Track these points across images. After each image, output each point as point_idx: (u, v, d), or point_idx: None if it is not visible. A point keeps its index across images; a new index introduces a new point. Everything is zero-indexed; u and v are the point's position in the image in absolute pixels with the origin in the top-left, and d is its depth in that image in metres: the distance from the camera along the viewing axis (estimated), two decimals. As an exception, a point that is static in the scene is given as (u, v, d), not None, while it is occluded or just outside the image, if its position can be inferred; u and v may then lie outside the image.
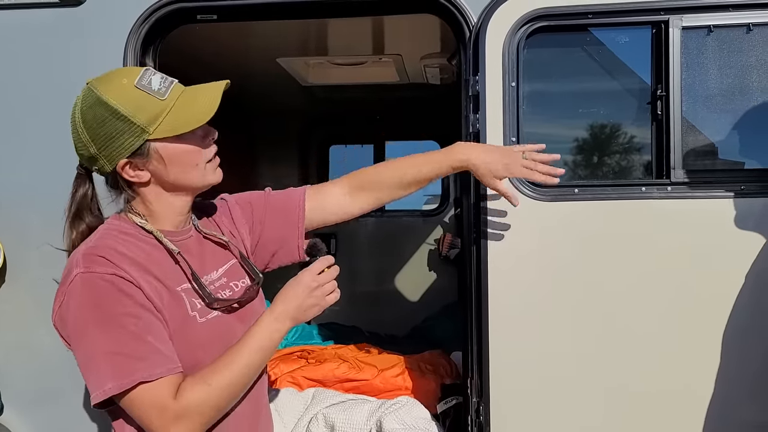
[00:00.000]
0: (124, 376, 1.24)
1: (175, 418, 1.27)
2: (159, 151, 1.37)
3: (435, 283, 4.93)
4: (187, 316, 1.39)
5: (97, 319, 1.26)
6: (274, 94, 4.29)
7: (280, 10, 2.31)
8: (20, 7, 2.23)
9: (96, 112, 1.34)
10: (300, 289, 1.44)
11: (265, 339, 1.40)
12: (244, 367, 1.36)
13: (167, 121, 1.35)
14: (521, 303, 2.08)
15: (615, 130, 2.20)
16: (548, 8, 2.06)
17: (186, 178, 1.43)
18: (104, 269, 1.28)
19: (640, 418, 2.05)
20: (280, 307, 1.42)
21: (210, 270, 1.52)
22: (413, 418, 2.45)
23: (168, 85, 1.39)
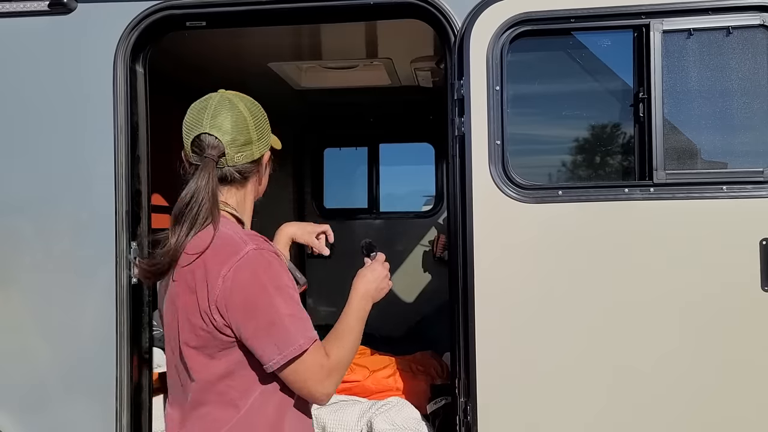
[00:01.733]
0: (306, 334, 1.41)
1: (329, 374, 1.45)
2: (265, 156, 1.66)
3: (429, 285, 4.95)
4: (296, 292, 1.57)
5: (275, 288, 1.42)
6: (266, 98, 4.28)
7: (268, 16, 2.34)
8: (11, 16, 2.25)
9: (256, 109, 1.62)
10: (377, 273, 1.70)
11: (362, 311, 1.63)
12: (358, 333, 1.59)
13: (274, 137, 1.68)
14: (507, 304, 2.11)
15: (598, 132, 2.22)
16: (531, 13, 2.09)
17: (263, 184, 1.72)
18: (270, 246, 1.50)
19: (628, 418, 2.08)
20: (363, 288, 1.66)
21: None
22: (403, 419, 2.48)
23: None
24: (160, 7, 2.27)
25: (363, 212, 5.15)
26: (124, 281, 2.27)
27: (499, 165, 2.10)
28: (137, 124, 2.34)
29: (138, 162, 2.35)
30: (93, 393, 2.27)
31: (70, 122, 2.31)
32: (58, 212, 2.29)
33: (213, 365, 1.45)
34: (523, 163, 2.17)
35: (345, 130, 5.13)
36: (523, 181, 2.11)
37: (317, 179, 5.14)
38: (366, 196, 5.16)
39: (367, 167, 5.14)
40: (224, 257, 1.43)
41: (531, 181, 2.12)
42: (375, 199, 5.15)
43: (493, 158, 2.10)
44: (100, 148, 2.28)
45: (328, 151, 5.19)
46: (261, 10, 2.31)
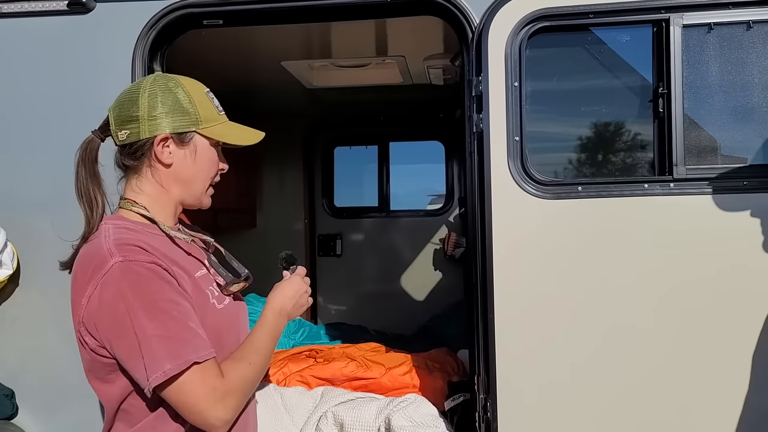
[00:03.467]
0: (179, 357, 1.28)
1: (223, 397, 1.32)
2: (198, 145, 1.49)
3: (441, 282, 4.96)
4: (208, 303, 1.45)
5: (143, 305, 1.28)
6: (278, 96, 4.32)
7: (285, 15, 2.34)
8: (31, 15, 2.26)
9: (168, 88, 1.45)
10: (295, 289, 1.58)
11: (274, 330, 1.51)
12: (267, 352, 1.47)
13: (217, 129, 1.52)
14: (527, 300, 2.11)
15: (617, 128, 2.22)
16: (550, 8, 2.08)
17: (197, 181, 1.52)
18: (143, 257, 1.32)
19: (647, 416, 2.07)
20: (279, 304, 1.53)
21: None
22: (421, 416, 2.48)
23: (221, 111, 1.59)
24: (178, 6, 2.27)
25: (373, 210, 5.16)
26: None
27: (518, 161, 2.10)
28: (155, 122, 2.34)
29: (156, 160, 2.35)
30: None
31: (89, 121, 2.30)
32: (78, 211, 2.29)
33: (107, 389, 1.38)
34: (542, 159, 2.17)
35: (355, 128, 5.13)
36: (542, 177, 2.11)
37: (327, 178, 5.15)
38: (376, 195, 5.17)
39: (378, 165, 5.14)
40: (90, 273, 1.31)
41: (550, 177, 2.12)
42: (385, 197, 5.15)
43: (511, 154, 2.10)
44: (118, 147, 2.28)
45: (338, 149, 5.19)
46: (277, 8, 2.31)
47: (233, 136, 1.54)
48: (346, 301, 5.11)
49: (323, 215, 5.12)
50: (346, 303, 5.11)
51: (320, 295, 5.11)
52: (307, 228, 5.05)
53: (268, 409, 2.62)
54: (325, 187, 5.13)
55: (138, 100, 1.43)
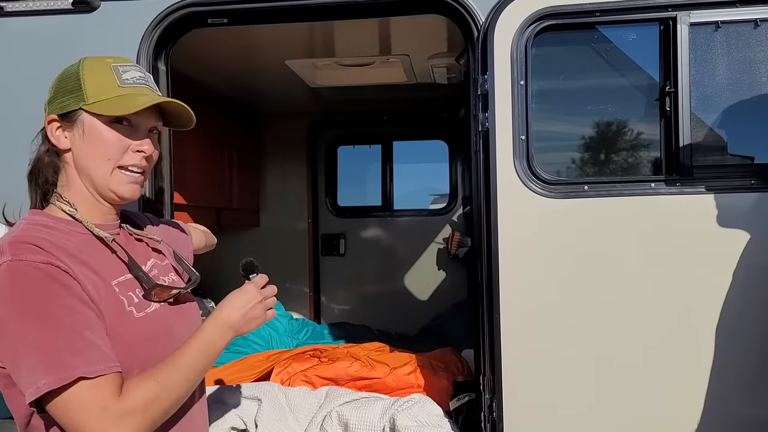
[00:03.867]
0: (61, 371, 1.13)
1: (117, 419, 1.15)
2: (85, 123, 1.32)
3: (444, 282, 4.95)
4: (123, 311, 1.29)
5: (28, 311, 1.15)
6: (282, 95, 4.32)
7: (289, 13, 2.34)
8: (35, 14, 2.26)
9: (70, 71, 1.37)
10: (246, 299, 1.39)
11: (210, 344, 1.33)
12: (190, 371, 1.28)
13: (107, 103, 1.31)
14: (532, 299, 2.10)
15: (624, 126, 2.21)
16: (556, 7, 2.07)
17: (94, 167, 1.34)
18: (36, 257, 1.18)
19: (653, 412, 2.06)
20: (224, 314, 1.36)
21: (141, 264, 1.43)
22: (426, 415, 2.48)
23: (138, 83, 1.36)
24: (182, 4, 2.27)
25: (377, 210, 5.15)
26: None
27: (524, 160, 2.10)
28: (159, 121, 2.34)
29: (160, 160, 2.34)
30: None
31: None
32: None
33: (13, 402, 1.25)
34: (548, 158, 2.16)
35: (358, 127, 5.12)
36: (548, 176, 2.10)
37: (331, 177, 5.15)
38: (380, 194, 5.16)
39: (381, 165, 5.13)
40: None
41: (556, 176, 2.12)
42: (389, 196, 5.15)
43: (517, 153, 2.09)
44: (123, 145, 2.28)
45: (342, 148, 5.19)
46: (281, 6, 2.31)
47: (120, 107, 1.31)
48: (349, 301, 5.10)
49: (326, 215, 5.12)
50: (349, 302, 5.10)
51: (323, 294, 5.10)
52: (310, 227, 5.04)
53: (273, 408, 2.62)
54: (328, 186, 5.13)
55: (53, 84, 1.38)
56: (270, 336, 3.84)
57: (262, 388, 2.73)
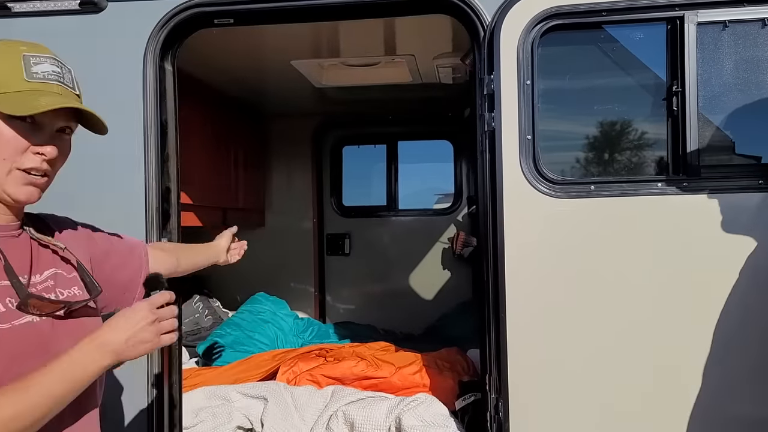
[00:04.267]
0: None
1: None
2: None
3: (449, 282, 4.95)
4: None
5: None
6: (287, 95, 4.33)
7: (295, 14, 2.34)
8: (43, 15, 2.27)
9: None
10: (135, 320, 1.23)
11: (77, 367, 1.16)
12: (43, 397, 1.11)
13: (6, 98, 1.19)
14: (539, 299, 2.10)
15: (630, 126, 2.21)
16: (562, 6, 2.07)
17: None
18: None
19: (658, 414, 2.06)
20: (105, 336, 1.20)
21: (34, 272, 1.30)
22: (432, 415, 2.48)
23: (49, 78, 1.26)
24: (189, 5, 2.27)
25: (382, 210, 5.16)
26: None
27: (530, 160, 2.09)
28: (166, 121, 2.35)
29: (167, 159, 2.36)
30: (126, 388, 2.29)
31: (101, 120, 2.32)
32: (90, 208, 2.29)
33: None
34: (554, 158, 2.16)
35: (364, 127, 5.13)
36: (554, 176, 2.10)
37: (336, 177, 5.15)
38: (385, 194, 5.17)
39: (386, 165, 5.14)
40: None
41: (562, 176, 2.12)
42: (394, 196, 5.15)
43: (524, 153, 2.09)
44: (130, 146, 2.29)
45: (347, 148, 5.20)
46: (287, 7, 2.31)
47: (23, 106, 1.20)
48: (354, 300, 5.11)
49: (332, 214, 5.12)
50: (354, 302, 5.11)
51: (328, 294, 5.11)
52: (315, 227, 5.05)
53: (279, 408, 2.62)
54: (333, 186, 5.13)
55: None
56: (275, 335, 3.85)
57: (269, 388, 2.74)
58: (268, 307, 4.13)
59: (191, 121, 3.18)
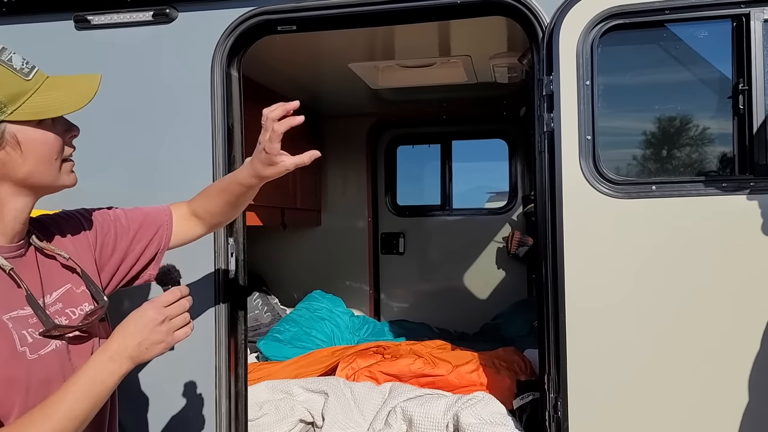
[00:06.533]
0: None
1: None
2: (17, 136, 1.16)
3: (504, 281, 4.94)
4: (14, 352, 1.14)
5: None
6: (343, 97, 4.41)
7: (355, 19, 2.40)
8: (120, 26, 2.40)
9: None
10: (143, 322, 1.20)
11: (95, 383, 1.15)
12: (68, 419, 1.10)
13: (31, 104, 1.16)
14: (599, 300, 2.09)
15: (693, 125, 2.18)
16: (623, 6, 2.06)
17: (41, 173, 1.21)
18: None
19: (724, 415, 2.03)
20: (117, 343, 1.18)
21: (45, 292, 1.28)
22: (490, 413, 2.50)
23: (31, 68, 1.20)
24: (254, 13, 2.36)
25: (436, 209, 5.19)
26: (221, 274, 2.39)
27: (590, 160, 2.09)
28: (233, 125, 2.44)
29: (233, 162, 2.45)
30: (195, 381, 2.40)
31: (172, 125, 2.44)
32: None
33: None
34: (615, 158, 2.15)
35: (418, 127, 5.17)
36: (614, 176, 2.09)
37: (390, 177, 5.21)
38: (439, 193, 5.20)
39: (440, 164, 5.16)
40: None
41: (623, 176, 2.11)
42: (448, 195, 5.18)
43: (583, 153, 2.09)
44: (199, 149, 2.39)
45: (401, 148, 5.25)
46: (347, 13, 2.37)
47: (57, 104, 1.19)
48: (408, 299, 5.16)
49: (386, 213, 5.18)
50: (408, 300, 5.16)
51: (383, 292, 5.18)
52: (370, 226, 5.13)
53: (339, 402, 2.70)
54: (388, 185, 5.19)
55: None
56: (332, 332, 3.94)
57: (329, 383, 2.82)
58: (324, 304, 4.23)
59: (253, 125, 3.29)
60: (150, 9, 2.38)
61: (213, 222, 1.72)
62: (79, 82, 1.26)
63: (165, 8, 2.37)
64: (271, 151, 1.55)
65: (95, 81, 1.26)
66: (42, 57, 2.48)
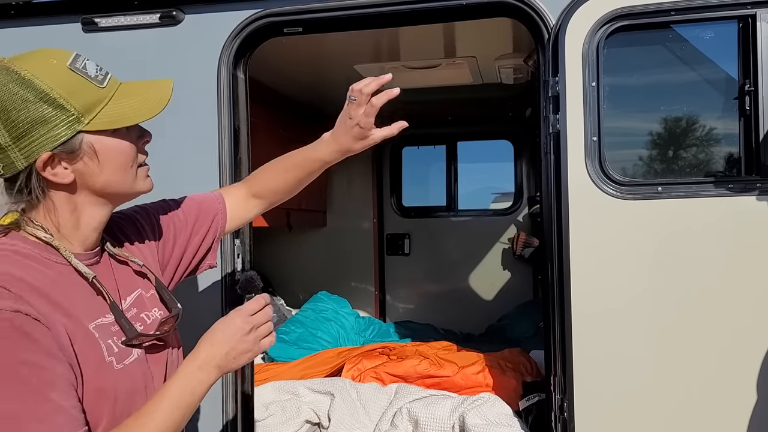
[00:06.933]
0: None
1: None
2: (94, 146, 1.15)
3: (509, 282, 4.94)
4: (102, 362, 1.13)
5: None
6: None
7: (361, 21, 2.41)
8: (127, 29, 2.41)
9: (15, 93, 1.08)
10: (231, 331, 1.20)
11: (186, 393, 1.14)
12: (161, 430, 1.10)
13: (106, 113, 1.15)
14: (605, 301, 2.09)
15: (699, 126, 2.17)
16: (629, 7, 2.06)
17: (118, 181, 1.20)
18: (5, 303, 1.01)
19: (731, 417, 2.03)
20: (205, 353, 1.18)
21: (121, 298, 1.28)
22: (496, 414, 2.50)
23: (105, 74, 1.19)
24: (260, 15, 2.37)
25: (441, 210, 5.19)
26: (228, 275, 2.39)
27: (596, 161, 2.09)
28: (239, 127, 2.45)
29: (240, 164, 2.46)
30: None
31: (178, 127, 2.45)
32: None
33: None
34: (621, 159, 2.15)
35: (423, 128, 5.18)
36: (620, 178, 2.09)
37: (396, 178, 5.22)
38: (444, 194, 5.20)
39: (446, 165, 5.17)
40: None
41: (629, 178, 2.10)
42: (453, 196, 5.18)
43: (589, 154, 2.09)
44: (205, 150, 2.40)
45: (406, 149, 5.25)
46: (353, 15, 2.38)
47: (132, 112, 1.18)
48: (413, 300, 5.17)
49: (392, 215, 5.19)
50: (413, 301, 5.16)
51: (388, 293, 5.18)
52: (375, 227, 5.14)
53: (345, 403, 2.70)
54: (393, 186, 5.20)
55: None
56: (338, 333, 3.95)
57: (335, 384, 2.82)
58: (330, 305, 4.24)
59: (258, 126, 3.30)
60: (157, 11, 2.40)
61: (274, 200, 1.70)
62: (152, 88, 1.25)
63: (172, 11, 2.39)
64: (367, 125, 1.57)
65: (167, 87, 1.25)
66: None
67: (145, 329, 1.26)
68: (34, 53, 1.15)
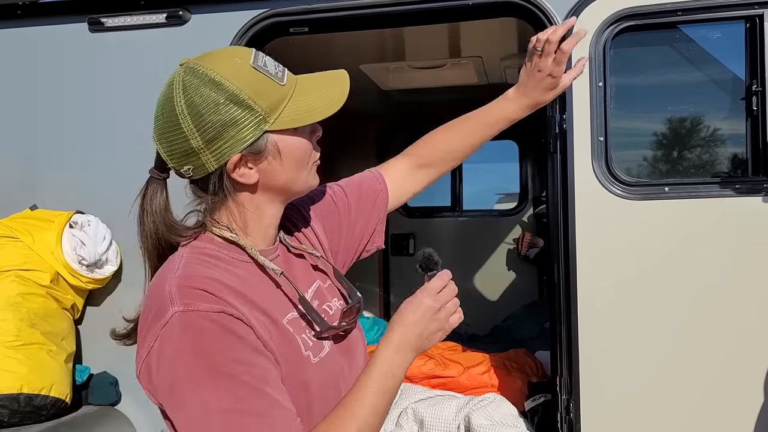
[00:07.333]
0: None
1: None
2: (278, 145, 1.14)
3: (515, 283, 4.93)
4: (301, 357, 1.14)
5: (206, 370, 1.00)
6: (354, 97, 4.37)
7: (366, 21, 2.41)
8: (134, 29, 2.42)
9: (206, 95, 1.07)
10: (420, 312, 1.17)
11: (387, 377, 1.12)
12: (372, 416, 1.09)
13: (289, 111, 1.13)
14: (611, 301, 2.09)
15: (706, 127, 2.17)
16: (636, 8, 2.06)
17: (296, 179, 1.19)
18: (209, 305, 1.03)
19: (734, 417, 2.02)
20: (399, 336, 1.15)
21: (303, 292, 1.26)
22: (501, 415, 2.50)
23: (283, 70, 1.17)
24: (266, 15, 2.38)
25: (446, 210, 5.18)
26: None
27: (603, 161, 2.09)
28: (245, 127, 2.45)
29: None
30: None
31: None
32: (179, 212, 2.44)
33: None
34: (627, 159, 2.14)
35: (428, 128, 5.16)
36: (627, 178, 2.09)
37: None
38: (449, 194, 5.19)
39: (450, 165, 5.16)
40: (150, 320, 1.04)
41: (635, 178, 2.10)
42: (458, 197, 5.17)
43: (596, 154, 2.09)
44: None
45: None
46: (359, 15, 2.38)
47: (312, 109, 1.16)
48: (416, 299, 5.15)
49: (396, 215, 5.18)
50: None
51: (393, 293, 5.18)
52: (380, 227, 5.12)
53: (350, 403, 2.70)
54: (398, 187, 5.19)
55: (181, 126, 1.09)
56: (343, 333, 3.94)
57: (339, 384, 2.82)
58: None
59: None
60: (163, 11, 2.41)
61: (446, 168, 1.68)
62: (327, 81, 1.22)
63: (178, 10, 2.40)
64: (559, 73, 1.53)
65: (344, 81, 1.22)
66: (56, 59, 2.53)
67: (329, 320, 1.25)
68: (216, 53, 1.16)
